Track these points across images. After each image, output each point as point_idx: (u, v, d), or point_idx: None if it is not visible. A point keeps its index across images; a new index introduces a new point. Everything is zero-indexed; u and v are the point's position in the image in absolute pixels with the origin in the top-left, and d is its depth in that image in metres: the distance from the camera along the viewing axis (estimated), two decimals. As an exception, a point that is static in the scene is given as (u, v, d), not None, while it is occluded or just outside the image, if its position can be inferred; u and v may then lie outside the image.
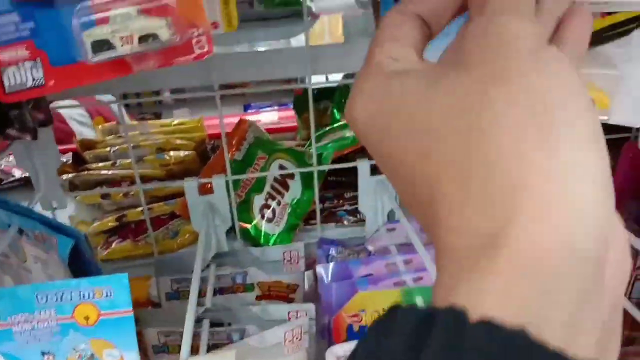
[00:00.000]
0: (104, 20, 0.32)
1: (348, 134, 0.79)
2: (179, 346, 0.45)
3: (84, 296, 0.43)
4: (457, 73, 0.19)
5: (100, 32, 0.31)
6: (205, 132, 0.95)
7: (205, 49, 0.35)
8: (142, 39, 0.32)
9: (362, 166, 0.70)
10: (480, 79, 0.18)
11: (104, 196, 0.79)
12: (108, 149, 0.88)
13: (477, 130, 0.17)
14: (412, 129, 0.20)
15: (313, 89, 0.67)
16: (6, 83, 0.34)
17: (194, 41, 0.33)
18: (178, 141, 0.89)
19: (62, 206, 0.67)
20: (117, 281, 0.43)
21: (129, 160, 0.85)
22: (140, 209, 0.77)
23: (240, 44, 0.79)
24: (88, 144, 0.90)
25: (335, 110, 0.98)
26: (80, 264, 0.51)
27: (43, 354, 0.44)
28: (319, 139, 0.83)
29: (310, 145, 0.82)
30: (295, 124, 1.02)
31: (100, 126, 0.95)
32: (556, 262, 0.15)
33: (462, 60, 0.19)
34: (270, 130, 0.87)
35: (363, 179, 0.70)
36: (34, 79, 0.33)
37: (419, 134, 0.19)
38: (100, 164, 0.85)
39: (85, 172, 0.82)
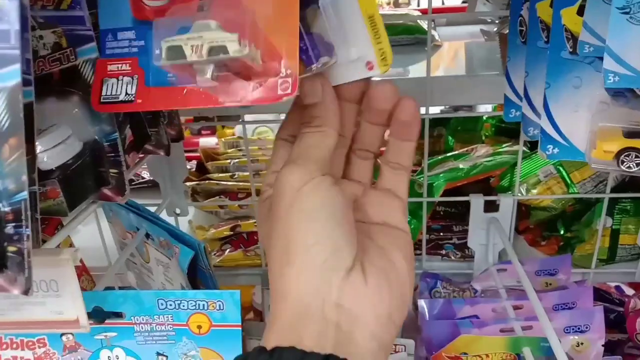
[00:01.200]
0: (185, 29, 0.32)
1: (462, 165, 0.77)
2: None
3: (199, 306, 0.46)
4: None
5: (176, 39, 0.32)
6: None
7: (289, 92, 0.32)
8: (212, 50, 0.31)
9: (476, 202, 0.68)
10: (271, 222, 0.32)
11: (222, 206, 0.84)
12: (229, 161, 0.93)
13: (269, 254, 0.32)
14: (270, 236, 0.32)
15: (430, 120, 0.66)
16: (103, 93, 0.36)
17: (279, 82, 0.32)
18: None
19: (184, 214, 0.72)
20: (230, 296, 0.45)
21: (246, 173, 0.90)
22: (253, 221, 0.81)
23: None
24: (211, 155, 0.96)
25: (449, 137, 0.97)
26: (196, 272, 0.54)
27: (158, 354, 0.48)
28: (431, 166, 0.82)
29: (420, 173, 0.81)
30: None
31: (223, 139, 1.01)
32: (296, 317, 0.29)
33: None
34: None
35: (475, 215, 0.68)
36: (126, 94, 0.35)
37: (271, 240, 0.32)
38: (221, 175, 0.90)
39: (207, 182, 0.88)
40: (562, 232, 0.73)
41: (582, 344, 0.59)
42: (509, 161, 0.72)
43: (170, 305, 0.46)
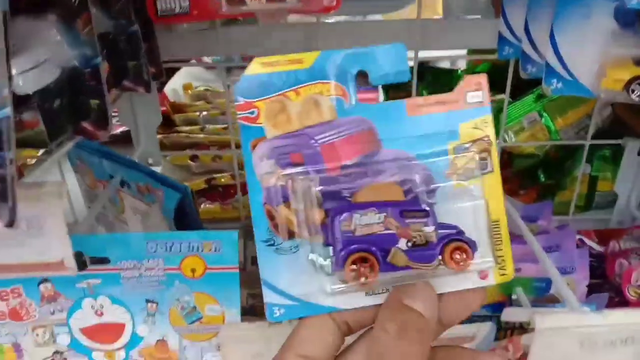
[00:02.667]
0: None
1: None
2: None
3: (192, 248, 0.43)
4: None
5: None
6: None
7: (334, 4, 0.33)
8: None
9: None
10: None
11: (193, 158, 0.80)
12: (197, 113, 0.89)
13: None
14: None
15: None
16: (158, 7, 0.39)
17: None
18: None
19: (157, 163, 0.67)
20: (227, 237, 0.42)
21: (217, 126, 0.86)
22: (227, 173, 0.77)
23: (342, 15, 0.78)
24: (178, 107, 0.91)
25: (423, 92, 0.96)
26: (183, 219, 0.51)
27: (147, 301, 0.45)
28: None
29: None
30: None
31: (189, 91, 0.96)
32: None
33: None
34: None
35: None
36: (180, 7, 0.35)
37: None
38: (189, 128, 0.86)
39: (175, 134, 0.83)
40: (542, 180, 0.73)
41: (567, 284, 0.60)
42: (494, 108, 0.71)
43: (161, 248, 0.43)
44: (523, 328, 0.58)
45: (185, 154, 0.78)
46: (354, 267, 0.26)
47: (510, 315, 0.52)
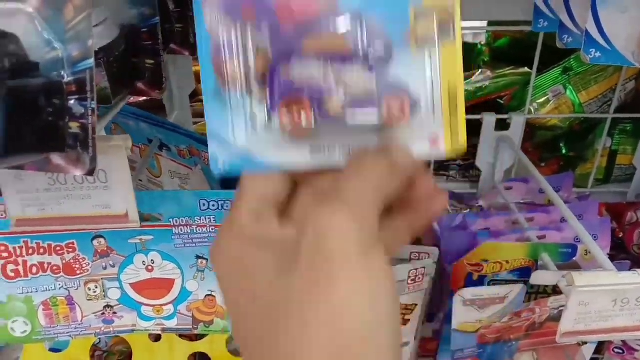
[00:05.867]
0: None
1: (466, 88, 0.78)
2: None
3: (243, 207, 0.44)
4: (291, 272, 0.23)
5: None
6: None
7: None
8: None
9: (488, 120, 0.68)
10: (302, 294, 0.22)
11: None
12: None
13: (289, 348, 0.22)
14: (256, 296, 0.24)
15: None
16: None
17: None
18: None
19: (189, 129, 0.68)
20: (277, 196, 0.44)
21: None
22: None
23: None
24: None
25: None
26: (229, 179, 0.52)
27: (197, 257, 0.46)
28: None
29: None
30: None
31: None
32: None
33: (297, 260, 0.23)
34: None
35: (486, 133, 0.69)
36: None
37: (260, 301, 0.23)
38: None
39: (200, 103, 0.84)
40: (564, 152, 0.75)
41: (590, 252, 0.62)
42: (519, 81, 0.72)
43: (213, 205, 0.44)
44: (547, 293, 0.60)
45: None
46: (290, 108, 0.26)
47: (539, 278, 0.54)
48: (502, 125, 0.69)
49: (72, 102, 0.30)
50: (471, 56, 0.93)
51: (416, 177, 0.26)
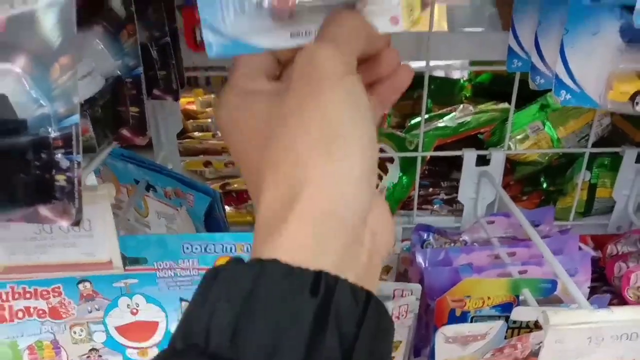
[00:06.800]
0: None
1: (449, 123, 0.79)
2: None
3: (226, 249, 0.45)
4: (285, 98, 0.26)
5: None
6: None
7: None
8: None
9: (469, 156, 0.70)
10: (296, 106, 0.25)
11: (207, 164, 0.82)
12: (209, 120, 0.91)
13: (287, 142, 0.25)
14: (255, 135, 0.27)
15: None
16: (198, 38, 0.37)
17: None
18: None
19: (177, 168, 0.70)
20: (260, 238, 0.45)
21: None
22: (240, 178, 0.80)
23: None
24: (190, 114, 0.93)
25: (428, 100, 0.99)
26: (212, 222, 0.53)
27: (181, 300, 0.47)
28: (415, 126, 0.83)
29: (408, 130, 0.83)
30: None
31: (200, 98, 0.98)
32: (326, 223, 0.23)
33: (290, 86, 0.26)
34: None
35: (467, 169, 0.71)
36: None
37: (258, 137, 0.27)
38: (201, 134, 0.88)
39: (188, 140, 0.85)
40: (544, 186, 0.77)
41: (571, 286, 0.63)
42: (499, 117, 0.74)
43: (196, 249, 0.45)
44: (529, 328, 0.61)
45: (199, 159, 0.81)
46: None
47: (520, 314, 0.55)
48: (483, 160, 0.71)
49: (58, 156, 0.32)
50: (454, 91, 0.96)
51: (382, 50, 0.31)
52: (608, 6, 0.45)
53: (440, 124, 0.80)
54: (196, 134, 0.87)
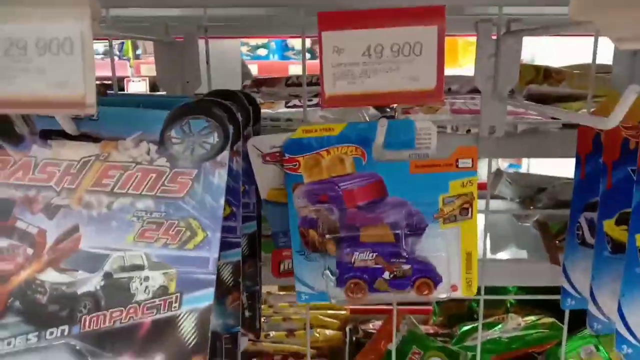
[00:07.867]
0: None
1: (500, 336, 0.81)
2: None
3: None
4: None
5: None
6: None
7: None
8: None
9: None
10: None
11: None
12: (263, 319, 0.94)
13: None
14: None
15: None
16: (281, 268, 0.54)
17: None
18: (325, 318, 0.95)
19: None
20: None
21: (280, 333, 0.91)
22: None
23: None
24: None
25: (473, 302, 1.00)
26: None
27: None
28: (464, 335, 0.85)
29: (459, 339, 0.84)
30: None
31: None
32: None
33: None
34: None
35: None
36: None
37: None
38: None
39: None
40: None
41: None
42: (551, 336, 0.76)
43: None
44: None
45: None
46: (350, 286, 0.45)
47: None
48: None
49: None
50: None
51: None
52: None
53: (491, 336, 0.82)
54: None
